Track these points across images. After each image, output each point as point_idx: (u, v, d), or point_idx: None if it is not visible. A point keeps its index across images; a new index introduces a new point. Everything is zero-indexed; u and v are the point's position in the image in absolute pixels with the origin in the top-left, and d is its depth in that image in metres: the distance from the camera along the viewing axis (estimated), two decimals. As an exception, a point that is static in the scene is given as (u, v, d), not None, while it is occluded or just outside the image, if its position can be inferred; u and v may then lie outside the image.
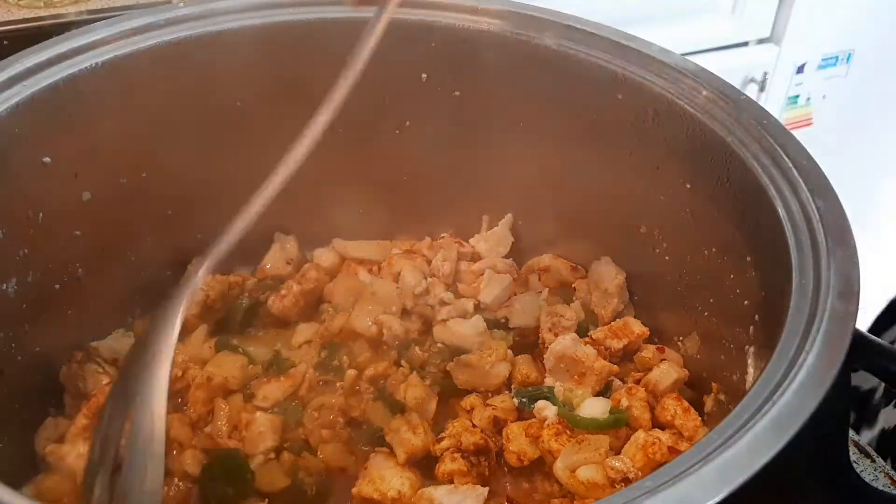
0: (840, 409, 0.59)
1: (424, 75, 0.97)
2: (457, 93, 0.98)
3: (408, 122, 1.01)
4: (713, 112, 0.80)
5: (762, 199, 0.72)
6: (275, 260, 1.03)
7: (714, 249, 0.81)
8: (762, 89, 2.16)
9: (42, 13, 1.19)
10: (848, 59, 2.29)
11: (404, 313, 0.99)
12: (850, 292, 0.60)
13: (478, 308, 0.99)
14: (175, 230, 0.98)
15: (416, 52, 0.96)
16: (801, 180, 0.70)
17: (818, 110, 2.36)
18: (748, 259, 0.75)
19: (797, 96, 2.30)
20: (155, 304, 0.97)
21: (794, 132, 0.74)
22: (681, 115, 0.82)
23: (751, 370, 0.71)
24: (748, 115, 0.77)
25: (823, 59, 2.27)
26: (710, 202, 0.81)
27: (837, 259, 0.63)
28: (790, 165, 0.72)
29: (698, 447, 0.52)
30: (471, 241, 1.06)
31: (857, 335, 0.59)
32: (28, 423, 0.85)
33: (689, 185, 0.84)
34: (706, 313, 0.84)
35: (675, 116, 0.83)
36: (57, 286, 0.87)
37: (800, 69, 2.25)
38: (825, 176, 0.70)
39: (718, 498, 0.48)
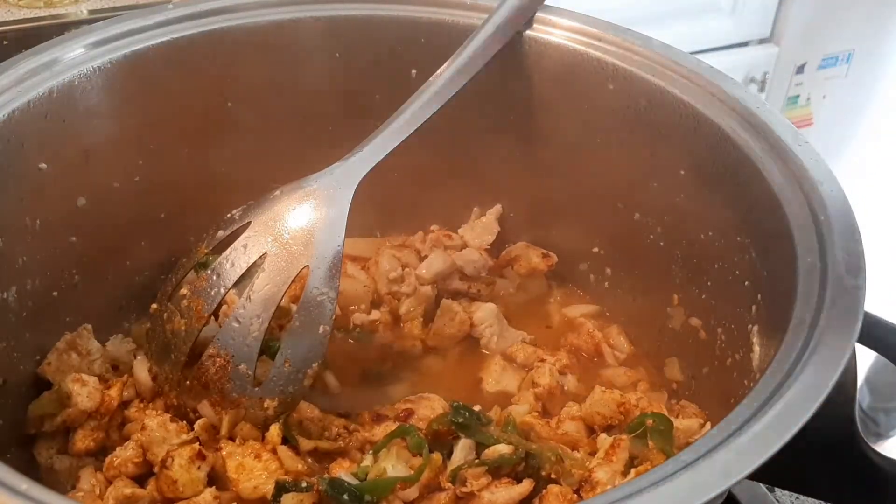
0: (851, 380, 0.62)
1: (414, 71, 0.98)
2: (448, 87, 0.98)
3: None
4: (706, 100, 0.82)
5: (759, 181, 0.75)
6: (269, 259, 1.03)
7: (710, 233, 0.83)
8: (762, 89, 2.18)
9: (42, 13, 1.18)
10: (848, 59, 2.32)
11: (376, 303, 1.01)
12: (856, 267, 0.62)
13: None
14: (168, 233, 0.97)
15: (406, 49, 0.97)
16: (798, 163, 0.72)
17: (818, 110, 2.38)
18: (747, 241, 0.77)
19: (797, 96, 2.32)
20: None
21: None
22: (673, 104, 0.84)
23: (757, 348, 0.73)
24: (742, 102, 0.80)
25: (823, 59, 2.29)
26: (705, 187, 0.83)
27: (840, 236, 0.65)
28: (786, 149, 0.74)
29: (726, 422, 0.54)
30: (458, 231, 1.07)
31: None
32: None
33: (682, 172, 0.86)
34: (704, 296, 0.86)
35: (668, 105, 0.85)
36: (55, 293, 0.87)
37: (800, 69, 2.27)
38: (822, 159, 0.72)
39: (753, 467, 0.50)
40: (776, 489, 0.91)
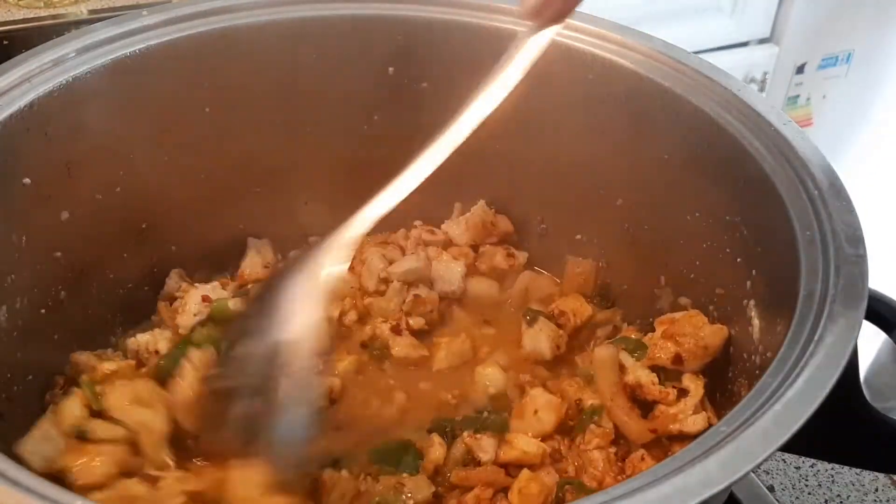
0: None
1: (391, 69, 0.98)
2: (424, 84, 0.99)
3: (376, 116, 1.02)
4: (687, 84, 0.84)
5: (746, 160, 0.77)
6: (252, 265, 1.02)
7: (697, 214, 0.86)
8: (762, 89, 2.19)
9: (42, 13, 1.18)
10: (848, 59, 2.32)
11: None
12: (855, 237, 0.65)
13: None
14: (150, 244, 0.96)
15: (382, 47, 0.97)
16: (784, 141, 0.75)
17: (818, 110, 2.38)
18: (737, 219, 0.80)
19: (797, 96, 2.33)
20: (135, 322, 0.97)
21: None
22: (653, 90, 0.86)
23: (756, 321, 0.75)
24: (724, 85, 0.82)
25: (823, 59, 2.29)
26: (689, 170, 0.86)
27: (835, 208, 0.68)
28: (771, 128, 0.77)
29: (749, 399, 0.56)
30: (442, 226, 1.08)
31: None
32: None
33: (666, 156, 0.88)
34: (692, 275, 0.88)
35: (648, 91, 0.87)
36: (42, 311, 0.85)
37: (800, 69, 2.27)
38: (807, 136, 0.75)
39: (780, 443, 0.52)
40: (776, 489, 0.95)
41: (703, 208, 0.85)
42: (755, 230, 0.77)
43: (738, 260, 0.80)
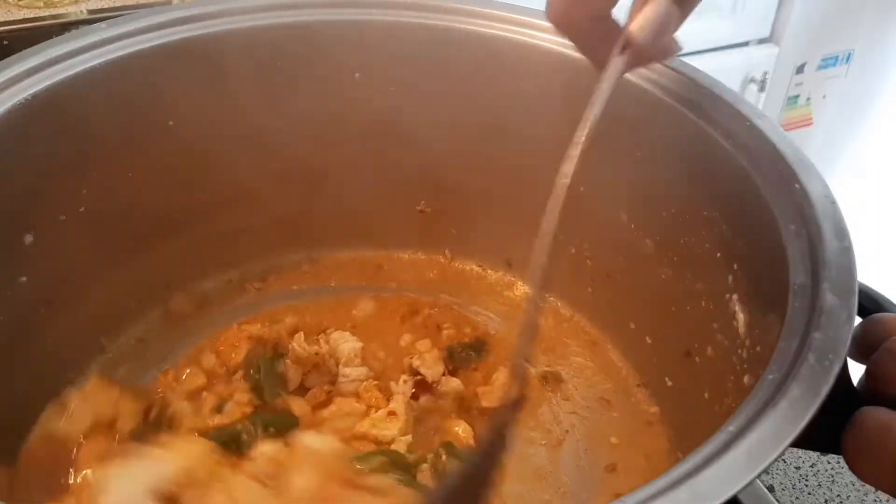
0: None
1: (357, 75, 0.97)
2: (392, 88, 0.98)
3: (341, 123, 1.00)
4: (662, 83, 0.85)
5: (723, 156, 0.77)
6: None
7: (673, 210, 0.86)
8: (762, 89, 2.20)
9: (42, 13, 1.17)
10: (848, 59, 2.34)
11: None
12: (839, 228, 0.66)
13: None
14: (122, 264, 0.94)
15: (348, 52, 0.96)
16: (761, 136, 0.76)
17: (818, 110, 2.39)
18: (715, 214, 0.80)
19: (797, 96, 2.34)
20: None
21: (793, 132, 0.79)
22: (625, 87, 0.86)
23: (741, 315, 0.75)
24: (698, 83, 0.83)
25: (823, 59, 2.31)
26: (663, 166, 0.86)
27: (816, 200, 0.69)
28: (747, 122, 0.78)
29: (751, 398, 0.56)
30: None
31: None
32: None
33: (638, 154, 0.88)
34: (670, 271, 0.89)
35: (622, 90, 0.87)
36: (10, 336, 0.81)
37: (800, 69, 2.29)
38: (783, 131, 0.76)
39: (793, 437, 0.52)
40: (776, 489, 0.95)
41: (678, 205, 0.85)
42: (735, 225, 0.78)
43: (718, 255, 0.80)
